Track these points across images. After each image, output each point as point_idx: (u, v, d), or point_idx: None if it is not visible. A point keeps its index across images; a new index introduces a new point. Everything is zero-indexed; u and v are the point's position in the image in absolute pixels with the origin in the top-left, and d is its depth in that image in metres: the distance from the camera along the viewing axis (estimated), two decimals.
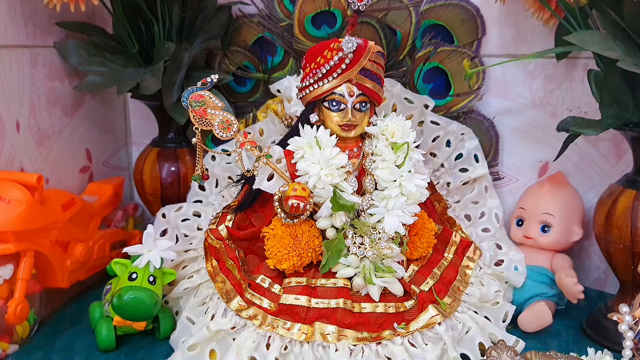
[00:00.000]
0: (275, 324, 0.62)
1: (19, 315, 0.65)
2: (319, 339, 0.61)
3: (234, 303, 0.64)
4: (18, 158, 0.79)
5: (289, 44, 0.89)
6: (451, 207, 0.83)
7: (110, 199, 0.89)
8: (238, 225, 0.74)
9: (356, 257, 0.65)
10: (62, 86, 0.89)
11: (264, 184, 0.67)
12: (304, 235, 0.66)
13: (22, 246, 0.66)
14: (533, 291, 0.75)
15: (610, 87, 0.69)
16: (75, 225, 0.78)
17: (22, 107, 0.80)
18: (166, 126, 0.94)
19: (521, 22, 0.85)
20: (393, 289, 0.66)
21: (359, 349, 0.60)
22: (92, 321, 0.71)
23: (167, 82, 0.83)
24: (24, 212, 0.66)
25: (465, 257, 0.74)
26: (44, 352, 0.67)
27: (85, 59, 0.87)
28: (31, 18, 0.81)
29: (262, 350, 0.60)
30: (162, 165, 0.91)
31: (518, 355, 0.61)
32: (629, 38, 0.64)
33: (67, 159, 0.91)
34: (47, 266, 0.72)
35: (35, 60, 0.82)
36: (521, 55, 0.86)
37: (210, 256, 0.70)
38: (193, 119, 0.63)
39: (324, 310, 0.63)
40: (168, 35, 0.87)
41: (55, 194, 0.77)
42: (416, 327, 0.62)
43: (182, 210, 0.80)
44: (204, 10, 0.88)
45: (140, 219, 1.00)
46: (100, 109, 1.00)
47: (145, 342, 0.70)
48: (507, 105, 0.89)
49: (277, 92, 0.85)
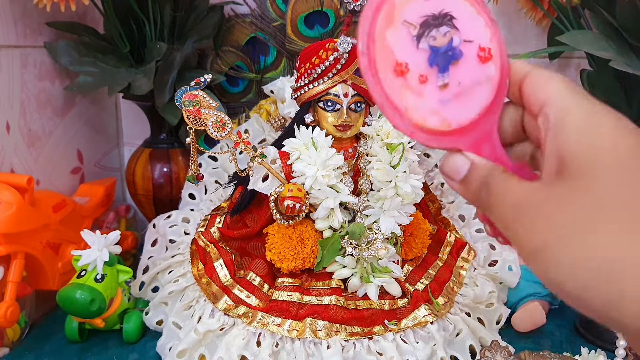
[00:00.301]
0: (266, 321, 0.62)
1: (10, 318, 0.64)
2: (310, 335, 0.60)
3: (221, 303, 0.64)
4: (8, 159, 0.78)
5: (281, 44, 0.89)
6: (445, 208, 0.83)
7: (102, 200, 0.88)
8: (229, 226, 0.73)
9: (352, 258, 0.65)
10: (53, 87, 0.88)
11: (258, 185, 0.66)
12: (310, 240, 0.66)
13: (12, 248, 0.65)
14: (526, 291, 0.75)
15: (603, 87, 0.70)
16: (66, 227, 0.77)
17: (12, 108, 0.79)
18: (158, 127, 0.93)
19: (514, 21, 0.86)
20: (390, 289, 0.66)
21: (350, 344, 0.60)
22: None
23: (159, 82, 0.82)
24: (14, 214, 0.65)
25: (460, 257, 0.74)
26: (35, 356, 0.67)
27: (76, 59, 0.86)
28: (21, 18, 0.81)
29: (253, 347, 0.60)
30: (154, 166, 0.91)
31: (512, 355, 0.61)
32: (621, 38, 0.64)
33: (58, 160, 0.90)
34: (38, 268, 0.71)
35: (26, 61, 0.82)
36: (514, 55, 0.86)
37: (197, 260, 0.70)
38: (187, 118, 0.63)
39: (316, 307, 0.63)
40: (160, 35, 0.86)
41: (46, 195, 0.76)
42: (407, 325, 0.62)
43: (171, 218, 0.80)
44: (196, 10, 0.88)
45: (132, 220, 0.99)
46: (92, 109, 0.99)
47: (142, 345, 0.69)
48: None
49: (271, 92, 0.85)
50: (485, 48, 0.31)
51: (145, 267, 0.75)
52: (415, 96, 0.30)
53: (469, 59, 0.30)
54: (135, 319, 0.70)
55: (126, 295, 0.71)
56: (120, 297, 0.69)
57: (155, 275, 0.73)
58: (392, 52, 0.29)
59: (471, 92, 0.30)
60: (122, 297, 0.69)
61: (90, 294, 0.64)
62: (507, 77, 0.31)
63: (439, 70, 0.30)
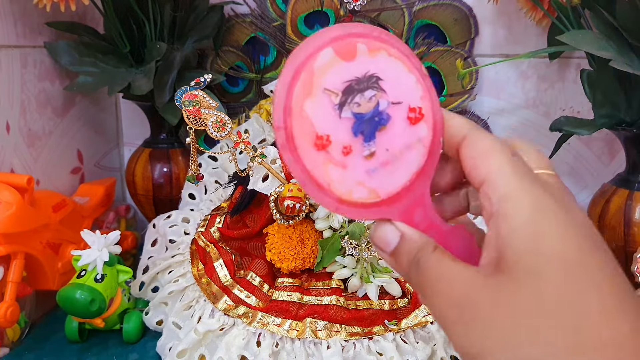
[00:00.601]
0: (266, 321, 0.62)
1: (10, 318, 0.64)
2: (310, 335, 0.60)
3: (221, 303, 0.64)
4: (8, 159, 0.78)
5: (281, 44, 0.89)
6: None
7: (102, 200, 0.88)
8: (229, 226, 0.73)
9: (352, 258, 0.65)
10: (53, 87, 0.88)
11: (258, 185, 0.66)
12: (309, 240, 0.66)
13: (12, 248, 0.65)
14: None
15: (603, 86, 0.69)
16: (66, 227, 0.77)
17: (12, 108, 0.79)
18: (158, 127, 0.93)
19: (514, 21, 0.86)
20: (390, 289, 0.66)
21: (350, 344, 0.60)
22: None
23: (159, 82, 0.82)
24: (14, 214, 0.65)
25: None
26: (34, 356, 0.67)
27: (76, 59, 0.86)
28: (21, 18, 0.80)
29: (253, 347, 0.60)
30: (154, 166, 0.90)
31: None
32: (621, 38, 0.64)
33: (58, 160, 0.90)
34: (38, 268, 0.71)
35: (25, 61, 0.82)
36: (514, 55, 0.86)
37: (197, 260, 0.70)
38: (187, 118, 0.63)
39: (316, 307, 0.63)
40: (160, 35, 0.86)
41: (46, 195, 0.76)
42: (408, 325, 0.62)
43: (171, 218, 0.80)
44: (196, 10, 0.87)
45: (132, 220, 0.99)
46: (92, 109, 0.99)
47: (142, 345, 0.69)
48: (500, 105, 0.89)
49: (271, 92, 0.85)
50: (416, 108, 0.28)
51: (145, 267, 0.75)
52: (339, 169, 0.27)
53: (398, 123, 0.28)
54: (135, 319, 0.70)
55: (126, 295, 0.71)
56: (120, 297, 0.69)
57: (155, 275, 0.73)
58: (311, 125, 0.27)
59: (401, 158, 0.28)
60: (122, 297, 0.69)
61: (90, 294, 0.64)
62: (440, 136, 0.29)
63: (364, 139, 0.27)
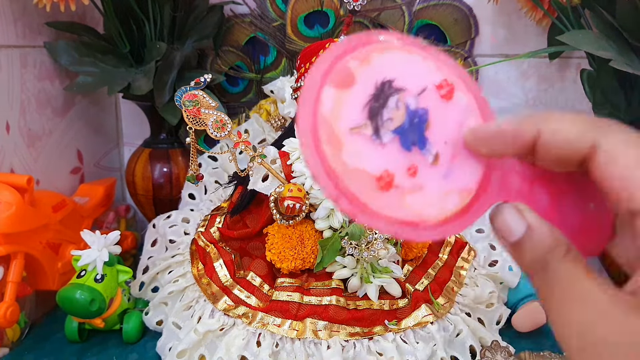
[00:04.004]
0: (266, 321, 0.62)
1: (9, 318, 0.64)
2: (310, 335, 0.60)
3: (221, 303, 0.64)
4: (8, 159, 0.78)
5: (281, 44, 0.89)
6: None
7: (102, 200, 0.88)
8: (229, 226, 0.73)
9: (352, 258, 0.65)
10: (53, 87, 0.88)
11: (258, 185, 0.66)
12: (309, 240, 0.66)
13: (12, 248, 0.65)
14: (527, 291, 0.75)
15: (603, 86, 0.69)
16: (66, 227, 0.77)
17: (11, 108, 0.79)
18: (158, 127, 0.93)
19: (514, 21, 0.86)
20: (391, 289, 0.66)
21: (350, 344, 0.60)
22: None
23: (159, 82, 0.82)
24: (14, 214, 0.65)
25: (460, 257, 0.74)
26: (34, 356, 0.67)
27: (75, 59, 0.86)
28: (21, 18, 0.80)
29: (253, 348, 0.60)
30: (154, 166, 0.90)
31: (512, 355, 0.61)
32: (621, 38, 0.64)
33: (57, 160, 0.90)
34: (38, 268, 0.71)
35: (25, 61, 0.82)
36: (514, 55, 0.86)
37: (197, 260, 0.70)
38: (186, 118, 0.63)
39: (316, 307, 0.63)
40: (159, 35, 0.86)
41: (46, 195, 0.76)
42: (408, 325, 0.62)
43: (171, 218, 0.80)
44: (196, 10, 0.87)
45: (132, 220, 0.99)
46: (92, 109, 0.99)
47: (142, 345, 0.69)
48: (501, 105, 0.89)
49: (271, 92, 0.85)
50: (441, 83, 0.25)
51: (145, 267, 0.75)
52: (418, 194, 0.24)
53: (436, 109, 0.25)
54: (135, 319, 0.70)
55: (126, 296, 0.71)
56: (120, 297, 0.69)
57: (155, 275, 0.73)
58: (363, 172, 0.23)
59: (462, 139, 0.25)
60: (122, 297, 0.69)
61: (90, 294, 0.64)
62: (477, 87, 0.26)
63: (419, 148, 0.24)
